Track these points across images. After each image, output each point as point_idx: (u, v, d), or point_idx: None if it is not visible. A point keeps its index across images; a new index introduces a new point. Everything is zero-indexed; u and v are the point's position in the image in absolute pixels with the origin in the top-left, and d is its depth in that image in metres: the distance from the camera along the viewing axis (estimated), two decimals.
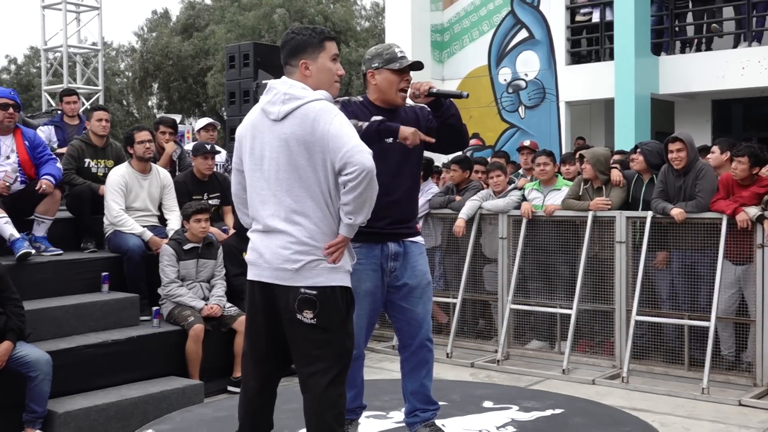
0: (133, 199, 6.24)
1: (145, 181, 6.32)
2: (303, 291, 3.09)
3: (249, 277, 3.26)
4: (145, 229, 6.14)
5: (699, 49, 12.85)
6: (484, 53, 14.61)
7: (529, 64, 14.09)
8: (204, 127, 8.37)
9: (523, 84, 14.22)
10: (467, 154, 8.28)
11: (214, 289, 6.08)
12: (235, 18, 30.04)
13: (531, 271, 6.87)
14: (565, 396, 5.21)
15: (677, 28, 13.13)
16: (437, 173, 8.49)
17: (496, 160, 8.10)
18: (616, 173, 6.61)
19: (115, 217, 6.09)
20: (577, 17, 13.74)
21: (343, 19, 30.42)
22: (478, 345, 7.17)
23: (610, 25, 12.89)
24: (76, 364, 5.12)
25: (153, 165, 6.48)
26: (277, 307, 3.17)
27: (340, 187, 3.08)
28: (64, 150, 6.90)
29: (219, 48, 27.03)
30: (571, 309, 6.37)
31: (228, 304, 6.04)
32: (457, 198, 7.31)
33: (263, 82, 2.89)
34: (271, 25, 28.53)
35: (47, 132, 7.79)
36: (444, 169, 8.65)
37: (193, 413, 4.83)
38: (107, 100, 30.76)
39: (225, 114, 13.16)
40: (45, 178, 5.82)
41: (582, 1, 13.58)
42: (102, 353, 5.29)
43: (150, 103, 38.21)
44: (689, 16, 13.15)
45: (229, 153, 7.84)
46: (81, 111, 8.51)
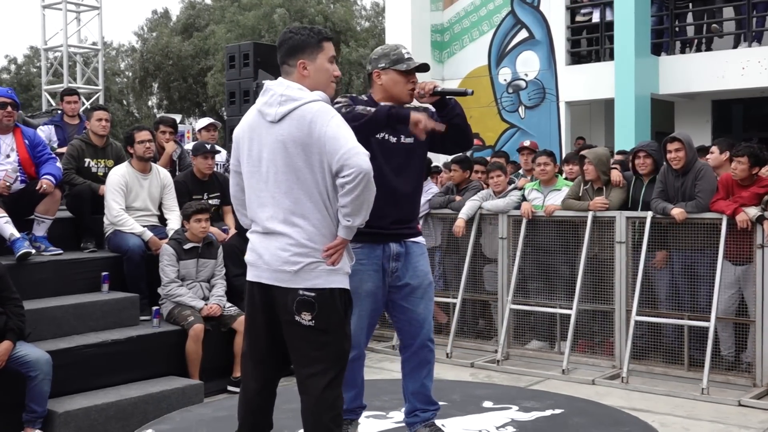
0: (133, 198, 6.24)
1: (145, 180, 6.32)
2: (302, 293, 3.08)
3: (248, 278, 3.26)
4: (145, 228, 6.14)
5: (699, 50, 12.85)
6: (484, 53, 14.60)
7: (529, 64, 14.09)
8: (205, 127, 8.37)
9: (523, 84, 14.21)
10: (467, 153, 8.27)
11: (214, 289, 6.08)
12: (235, 18, 30.03)
13: (531, 271, 6.87)
14: (564, 396, 5.21)
15: (677, 29, 13.13)
16: (437, 173, 8.50)
17: (496, 160, 8.11)
18: (615, 173, 6.61)
19: (115, 217, 6.09)
20: (577, 17, 13.74)
21: (343, 19, 30.41)
22: (477, 345, 7.17)
23: (610, 25, 12.89)
24: (76, 364, 5.12)
25: (153, 165, 6.48)
26: (276, 309, 3.17)
27: (338, 189, 3.07)
28: (64, 150, 6.90)
29: (219, 48, 27.02)
30: (571, 309, 6.37)
31: (228, 304, 6.04)
32: (457, 198, 7.31)
33: (262, 82, 2.88)
34: (271, 25, 28.52)
35: (47, 131, 7.78)
36: (444, 169, 8.65)
37: (192, 413, 4.83)
38: (107, 99, 30.76)
39: (225, 114, 13.16)
40: (45, 178, 5.82)
41: (582, 1, 13.58)
42: (102, 353, 5.29)
43: (150, 103, 38.20)
44: (689, 16, 13.15)
45: (229, 153, 7.84)
46: (81, 111, 8.51)
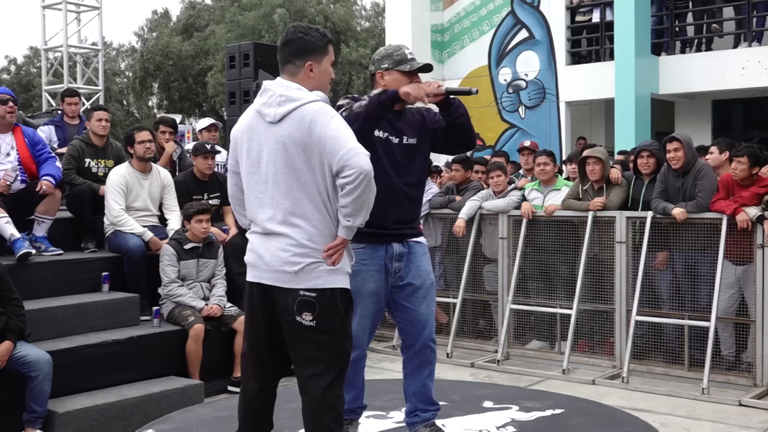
0: (133, 199, 6.24)
1: (145, 180, 6.32)
2: (302, 293, 3.08)
3: (248, 278, 3.26)
4: (146, 229, 6.14)
5: (699, 50, 12.86)
6: (485, 53, 14.61)
7: (529, 64, 14.09)
8: (206, 128, 8.35)
9: (523, 84, 14.22)
10: (467, 153, 8.27)
11: (214, 289, 6.08)
12: (236, 18, 30.04)
13: (531, 271, 6.87)
14: (565, 396, 5.21)
15: (677, 29, 13.13)
16: (437, 173, 8.49)
17: (497, 160, 8.10)
18: (614, 172, 6.61)
19: (116, 217, 6.09)
20: (578, 17, 13.75)
21: (343, 19, 30.42)
22: (478, 345, 7.17)
23: (610, 26, 12.90)
24: (77, 364, 5.12)
25: (153, 165, 6.48)
26: (276, 309, 3.16)
27: (338, 189, 3.07)
28: (64, 150, 6.90)
29: (219, 48, 27.02)
30: (571, 309, 6.37)
31: (228, 304, 6.03)
32: (457, 198, 7.31)
33: (261, 82, 2.88)
34: (271, 25, 28.53)
35: (47, 132, 7.78)
36: (445, 168, 8.65)
37: (193, 413, 4.84)
38: (107, 100, 30.75)
39: (225, 114, 13.16)
40: (45, 178, 5.82)
41: (582, 1, 13.58)
42: (102, 353, 5.29)
43: (150, 103, 38.22)
44: (689, 16, 13.16)
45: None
46: (81, 111, 8.51)
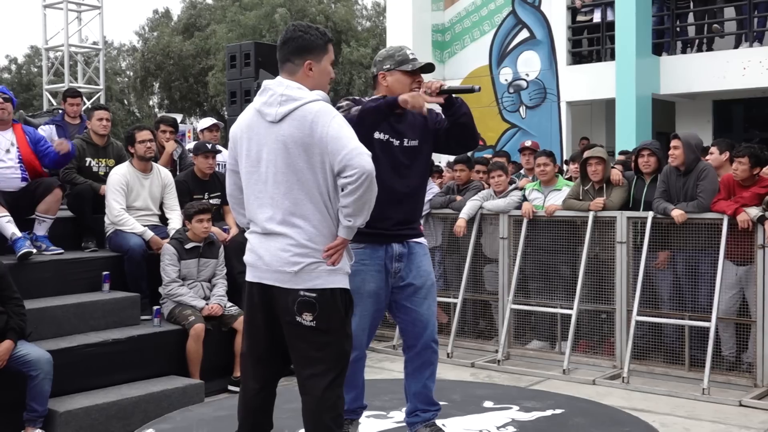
0: (134, 198, 6.24)
1: (146, 180, 6.32)
2: (302, 293, 3.07)
3: (247, 278, 3.25)
4: (146, 228, 6.14)
5: (700, 50, 12.86)
6: (485, 53, 14.61)
7: (530, 64, 14.10)
8: (208, 128, 8.36)
9: (524, 84, 14.22)
10: (467, 153, 8.27)
11: (215, 289, 6.08)
12: (236, 17, 30.04)
13: (531, 271, 6.86)
14: (565, 396, 5.21)
15: (678, 29, 13.14)
16: (438, 173, 8.49)
17: (498, 159, 8.10)
18: (615, 173, 6.61)
19: (116, 217, 6.09)
20: (578, 17, 13.75)
21: (344, 18, 30.42)
22: (478, 345, 7.17)
23: (611, 26, 12.90)
24: (77, 364, 5.12)
25: (154, 164, 6.48)
26: (276, 309, 3.15)
27: (339, 189, 3.06)
28: None
29: (220, 47, 27.02)
30: (572, 309, 6.37)
31: (229, 304, 6.03)
32: (458, 198, 7.31)
33: (261, 81, 2.88)
34: (272, 25, 28.53)
35: (48, 131, 7.77)
36: (446, 169, 8.65)
37: (193, 412, 4.84)
38: (108, 99, 30.75)
39: (226, 113, 13.18)
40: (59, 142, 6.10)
41: (584, 1, 13.58)
42: (103, 352, 5.29)
43: (151, 103, 38.24)
44: (690, 16, 13.16)
45: None
46: (82, 110, 8.51)
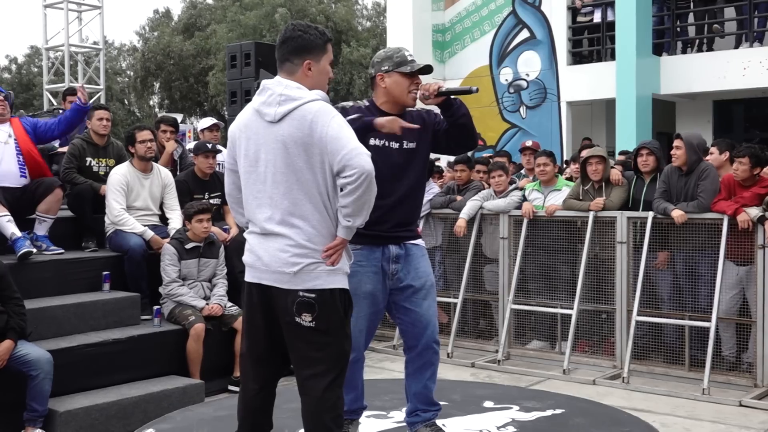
0: (134, 198, 6.24)
1: (146, 180, 6.32)
2: (302, 294, 3.07)
3: (247, 278, 3.24)
4: (146, 228, 6.14)
5: (700, 50, 12.86)
6: (486, 53, 14.62)
7: (530, 64, 14.10)
8: (208, 128, 8.35)
9: (524, 84, 14.22)
10: (468, 153, 8.28)
11: (215, 289, 6.08)
12: (237, 17, 30.04)
13: (532, 271, 6.86)
14: (565, 396, 5.21)
15: (679, 29, 13.13)
16: (438, 173, 8.49)
17: (498, 159, 8.10)
18: (615, 173, 6.61)
19: (116, 217, 6.09)
20: (579, 17, 13.75)
21: (344, 18, 30.41)
22: (478, 345, 7.17)
23: (611, 26, 12.90)
24: (77, 363, 5.12)
25: (154, 164, 6.48)
26: (276, 310, 3.15)
27: (339, 189, 3.05)
28: (65, 149, 6.90)
29: (220, 47, 27.01)
30: (572, 309, 6.37)
31: (229, 304, 6.03)
32: (458, 198, 7.31)
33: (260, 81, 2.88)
34: (272, 25, 28.52)
35: None
36: (447, 169, 8.65)
37: (193, 412, 4.84)
38: (109, 99, 30.76)
39: (226, 113, 13.17)
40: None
41: (584, 1, 13.58)
42: (103, 352, 5.29)
43: (151, 103, 38.24)
44: (691, 16, 13.16)
45: None
46: None
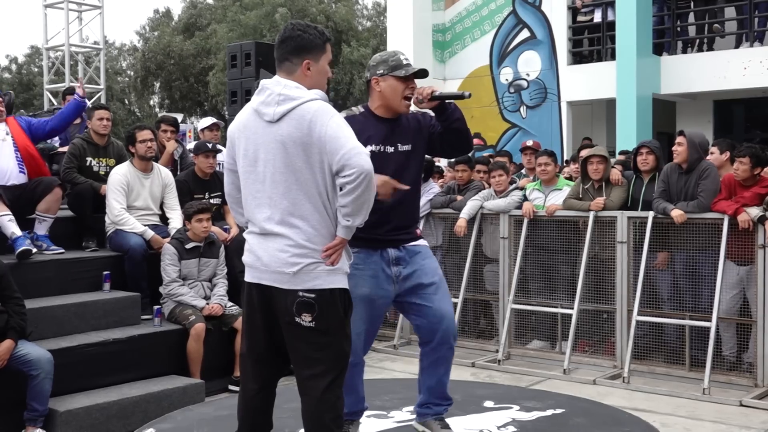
0: (134, 198, 6.24)
1: (146, 180, 6.32)
2: (301, 294, 3.06)
3: (246, 278, 3.24)
4: (147, 228, 6.14)
5: (701, 50, 12.86)
6: (486, 53, 14.61)
7: (530, 64, 14.09)
8: (208, 127, 8.36)
9: (524, 84, 14.21)
10: (468, 153, 8.28)
11: (215, 288, 6.08)
12: (237, 17, 30.05)
13: (532, 271, 6.86)
14: (566, 396, 5.21)
15: (679, 29, 13.13)
16: (438, 173, 8.49)
17: (499, 159, 8.10)
18: (615, 173, 6.61)
19: (117, 216, 6.09)
20: (579, 17, 13.74)
21: (344, 18, 30.42)
22: (479, 345, 7.16)
23: (611, 25, 12.90)
24: (78, 363, 5.12)
25: (155, 164, 6.48)
26: (275, 310, 3.15)
27: (338, 189, 3.05)
28: (65, 149, 6.91)
29: (221, 47, 27.03)
30: (572, 309, 6.37)
31: (229, 303, 6.03)
32: (459, 198, 7.31)
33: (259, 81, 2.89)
34: (272, 25, 28.52)
35: None
36: (447, 169, 8.65)
37: (194, 412, 4.84)
38: (109, 99, 30.75)
39: (226, 113, 13.17)
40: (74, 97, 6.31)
41: (584, 1, 13.57)
42: (103, 352, 5.29)
43: (152, 102, 38.25)
44: (691, 16, 13.15)
45: None
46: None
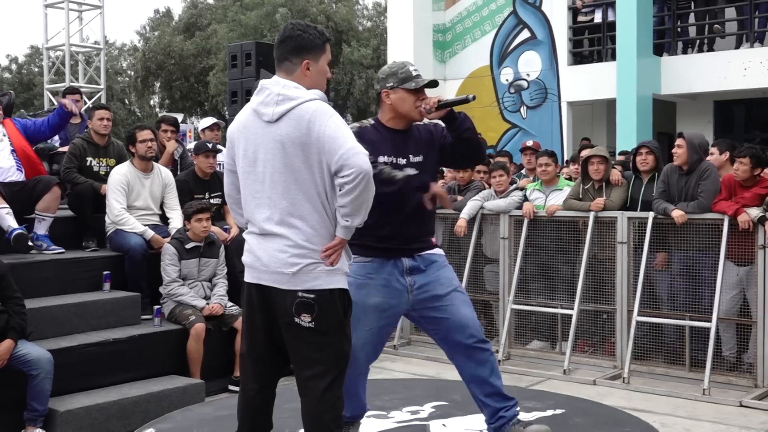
0: (134, 198, 6.24)
1: (146, 180, 6.32)
2: (301, 294, 3.06)
3: (246, 279, 3.24)
4: (147, 227, 6.15)
5: (701, 50, 12.86)
6: (486, 53, 14.61)
7: (531, 64, 14.09)
8: (209, 127, 8.36)
9: (525, 84, 14.21)
10: None
11: (215, 288, 6.08)
12: (237, 17, 30.05)
13: (532, 271, 6.86)
14: (566, 396, 5.22)
15: (679, 29, 13.13)
16: (439, 173, 8.49)
17: (499, 159, 8.10)
18: (615, 173, 6.61)
19: (117, 216, 6.09)
20: (579, 17, 13.74)
21: (345, 18, 30.41)
22: None
23: (612, 26, 12.90)
24: (78, 363, 5.12)
25: (155, 164, 6.48)
26: (275, 310, 3.15)
27: (337, 189, 3.05)
28: (65, 149, 6.91)
29: (221, 47, 27.03)
30: (572, 309, 6.37)
31: (229, 303, 6.03)
32: (459, 198, 7.31)
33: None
34: (273, 25, 28.52)
35: None
36: (448, 169, 8.63)
37: (194, 412, 4.85)
38: (109, 98, 30.74)
39: (227, 113, 13.18)
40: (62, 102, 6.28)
41: (585, 2, 13.57)
42: (103, 352, 5.29)
43: (152, 102, 38.25)
44: (691, 16, 13.15)
45: None
46: (83, 110, 8.51)
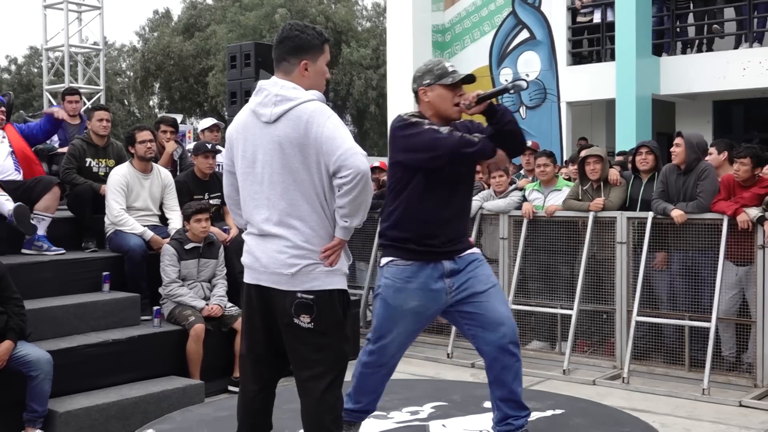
0: (134, 198, 6.24)
1: (146, 180, 6.32)
2: (300, 295, 3.06)
3: (245, 280, 3.24)
4: (146, 228, 6.14)
5: (700, 50, 12.86)
6: (486, 53, 14.61)
7: (530, 64, 14.09)
8: (209, 128, 8.36)
9: (524, 84, 14.20)
10: None
11: (215, 289, 6.08)
12: (237, 18, 30.06)
13: (531, 271, 6.86)
14: (565, 396, 5.22)
15: (678, 29, 13.13)
16: None
17: None
18: (613, 173, 6.61)
19: (116, 217, 6.09)
20: (579, 18, 13.74)
21: (344, 19, 30.43)
22: None
23: (611, 26, 12.89)
24: (77, 364, 5.12)
25: (154, 165, 6.48)
26: (274, 311, 3.15)
27: (335, 190, 3.05)
28: (65, 149, 6.90)
29: (220, 48, 27.03)
30: (572, 310, 6.37)
31: (229, 304, 6.03)
32: None
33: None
34: (272, 25, 28.52)
35: None
36: None
37: (193, 413, 4.85)
38: (108, 99, 30.75)
39: (226, 114, 13.17)
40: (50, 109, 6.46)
41: (584, 2, 13.57)
42: (103, 353, 5.29)
43: (151, 103, 38.24)
44: (690, 16, 13.15)
45: None
46: (82, 111, 8.51)
